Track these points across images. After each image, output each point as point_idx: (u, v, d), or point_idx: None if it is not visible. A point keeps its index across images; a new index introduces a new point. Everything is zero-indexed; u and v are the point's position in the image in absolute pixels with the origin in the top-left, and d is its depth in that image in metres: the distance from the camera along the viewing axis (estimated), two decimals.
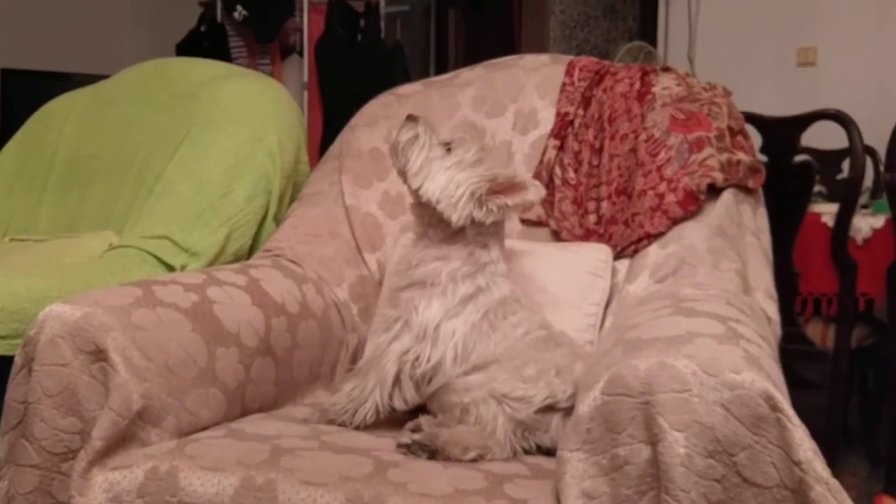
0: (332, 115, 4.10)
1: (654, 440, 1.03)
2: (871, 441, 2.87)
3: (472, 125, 1.61)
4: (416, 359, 1.41)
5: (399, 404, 1.42)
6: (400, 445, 1.31)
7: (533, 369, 1.38)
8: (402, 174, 1.48)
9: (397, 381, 1.41)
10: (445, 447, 1.28)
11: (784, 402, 1.01)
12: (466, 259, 1.45)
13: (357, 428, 1.42)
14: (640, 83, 1.86)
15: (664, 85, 1.84)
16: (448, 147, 1.45)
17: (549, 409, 1.36)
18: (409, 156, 1.45)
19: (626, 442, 1.06)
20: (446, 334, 1.41)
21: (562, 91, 1.94)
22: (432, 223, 1.47)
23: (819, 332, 2.67)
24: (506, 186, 1.43)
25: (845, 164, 3.22)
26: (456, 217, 1.41)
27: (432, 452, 1.28)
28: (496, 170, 1.44)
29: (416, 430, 1.33)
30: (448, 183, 1.42)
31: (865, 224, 2.57)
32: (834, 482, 0.98)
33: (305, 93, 4.20)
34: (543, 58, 2.05)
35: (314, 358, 1.69)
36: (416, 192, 1.45)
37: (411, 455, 1.29)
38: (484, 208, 1.41)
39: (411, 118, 1.49)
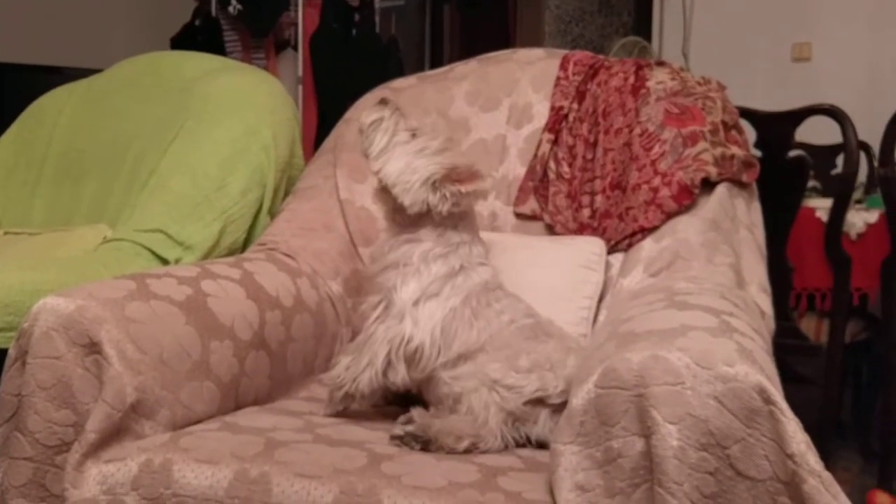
0: (326, 109, 4.09)
1: (647, 433, 1.03)
2: (865, 436, 2.88)
3: (443, 121, 1.61)
4: (402, 337, 1.41)
5: (397, 382, 1.43)
6: (393, 437, 1.31)
7: (526, 361, 1.38)
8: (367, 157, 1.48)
9: (388, 361, 1.41)
10: (438, 437, 1.29)
11: (777, 394, 1.01)
12: (437, 240, 1.46)
13: (354, 400, 1.45)
14: (634, 77, 1.86)
15: (658, 79, 1.84)
16: (413, 133, 1.45)
17: (538, 402, 1.37)
18: (372, 138, 1.46)
19: (619, 435, 1.06)
20: (425, 315, 1.42)
21: (556, 85, 1.94)
22: (396, 207, 1.47)
23: (813, 327, 2.68)
24: (464, 176, 1.43)
25: (839, 160, 3.23)
26: (409, 202, 1.42)
27: (425, 443, 1.28)
28: (457, 159, 1.44)
29: (408, 422, 1.33)
30: (405, 168, 1.42)
31: (859, 219, 2.57)
32: (827, 475, 0.98)
33: (300, 87, 4.19)
34: (538, 52, 2.05)
35: (308, 351, 1.69)
36: (376, 175, 1.46)
37: (404, 446, 1.29)
38: (438, 194, 1.42)
39: (383, 101, 1.49)
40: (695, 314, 1.20)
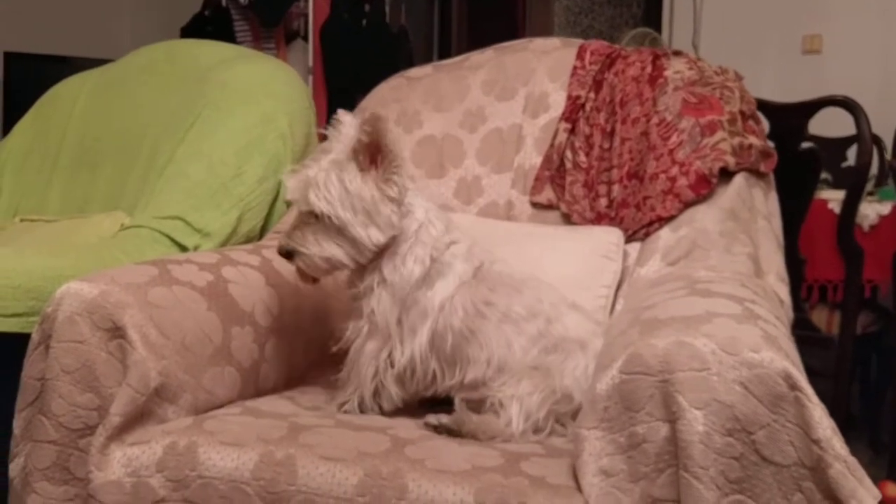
0: (337, 99, 4.10)
1: (672, 418, 1.04)
2: (874, 428, 2.89)
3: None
4: (389, 356, 1.38)
5: (388, 406, 1.41)
6: (427, 425, 1.32)
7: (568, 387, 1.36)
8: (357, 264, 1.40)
9: (377, 384, 1.39)
10: (471, 433, 1.29)
11: (803, 380, 1.02)
12: (393, 240, 1.38)
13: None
14: (651, 67, 1.87)
15: (676, 69, 1.84)
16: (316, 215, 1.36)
17: None
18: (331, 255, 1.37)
19: (644, 420, 1.07)
20: (407, 330, 1.38)
21: (573, 74, 1.94)
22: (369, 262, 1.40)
23: (824, 319, 2.68)
24: (372, 150, 1.34)
25: (850, 153, 3.23)
26: (384, 230, 1.35)
27: (457, 436, 1.29)
28: (342, 156, 1.35)
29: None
30: (362, 219, 1.34)
31: (872, 211, 2.58)
32: (852, 460, 0.99)
33: (310, 77, 4.19)
34: (554, 41, 2.05)
35: (326, 338, 1.69)
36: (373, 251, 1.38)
37: (435, 434, 1.30)
38: (391, 187, 1.35)
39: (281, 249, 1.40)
40: (718, 301, 1.20)
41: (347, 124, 1.39)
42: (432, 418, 1.32)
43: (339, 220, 1.34)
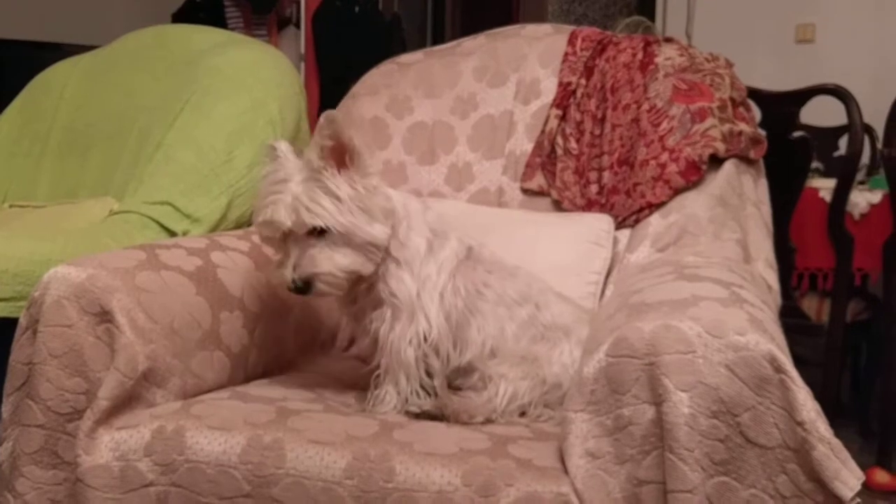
0: (329, 86, 4.08)
1: (658, 400, 1.04)
2: (864, 415, 2.90)
3: None
4: (423, 335, 1.36)
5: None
6: (408, 413, 1.32)
7: (553, 378, 1.37)
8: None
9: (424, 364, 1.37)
10: (453, 416, 1.29)
11: (788, 363, 1.02)
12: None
13: None
14: (642, 53, 1.87)
15: (667, 55, 1.84)
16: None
17: None
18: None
19: (630, 402, 1.07)
20: (429, 301, 1.37)
21: (564, 61, 1.94)
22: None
23: (814, 307, 2.69)
24: (338, 151, 1.31)
25: (841, 142, 3.24)
26: (385, 221, 1.34)
27: (440, 420, 1.29)
28: (308, 170, 1.31)
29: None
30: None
31: (863, 199, 2.58)
32: (836, 442, 0.99)
33: (302, 64, 4.18)
34: (546, 27, 2.05)
35: (315, 324, 1.70)
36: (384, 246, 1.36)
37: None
38: (371, 178, 1.34)
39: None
40: (705, 285, 1.21)
41: (283, 149, 1.35)
42: (414, 406, 1.32)
43: (343, 228, 1.30)
